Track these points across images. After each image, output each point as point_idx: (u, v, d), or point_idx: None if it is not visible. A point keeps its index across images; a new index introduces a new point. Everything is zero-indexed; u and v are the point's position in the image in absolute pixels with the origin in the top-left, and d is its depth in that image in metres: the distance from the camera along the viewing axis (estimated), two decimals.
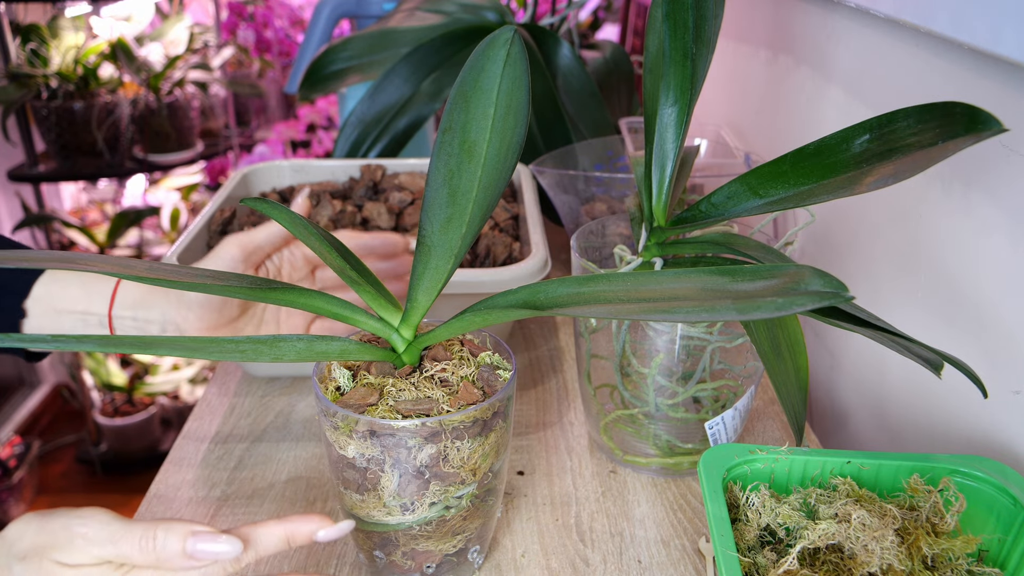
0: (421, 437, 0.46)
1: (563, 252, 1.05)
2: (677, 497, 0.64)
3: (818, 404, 0.85)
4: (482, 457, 0.49)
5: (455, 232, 0.49)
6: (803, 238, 0.86)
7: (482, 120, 0.49)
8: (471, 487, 0.49)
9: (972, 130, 0.45)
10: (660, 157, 0.59)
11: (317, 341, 0.46)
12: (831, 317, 0.48)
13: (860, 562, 0.45)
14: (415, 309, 0.50)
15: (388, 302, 0.50)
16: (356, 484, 0.49)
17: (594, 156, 1.03)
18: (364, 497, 0.49)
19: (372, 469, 0.48)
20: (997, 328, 0.55)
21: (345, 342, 0.48)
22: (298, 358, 0.45)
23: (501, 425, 0.50)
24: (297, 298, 0.47)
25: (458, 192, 0.49)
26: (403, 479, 0.47)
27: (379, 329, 0.50)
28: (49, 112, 1.97)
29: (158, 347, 0.40)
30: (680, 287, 0.38)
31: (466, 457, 0.48)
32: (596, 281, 0.41)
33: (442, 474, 0.48)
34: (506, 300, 0.45)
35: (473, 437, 0.48)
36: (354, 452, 0.47)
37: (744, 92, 1.11)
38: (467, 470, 0.48)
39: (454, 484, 0.48)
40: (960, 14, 0.53)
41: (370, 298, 0.50)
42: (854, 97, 0.75)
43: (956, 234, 0.60)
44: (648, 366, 0.61)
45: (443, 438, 0.47)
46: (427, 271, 0.49)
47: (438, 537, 0.51)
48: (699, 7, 0.57)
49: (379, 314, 0.50)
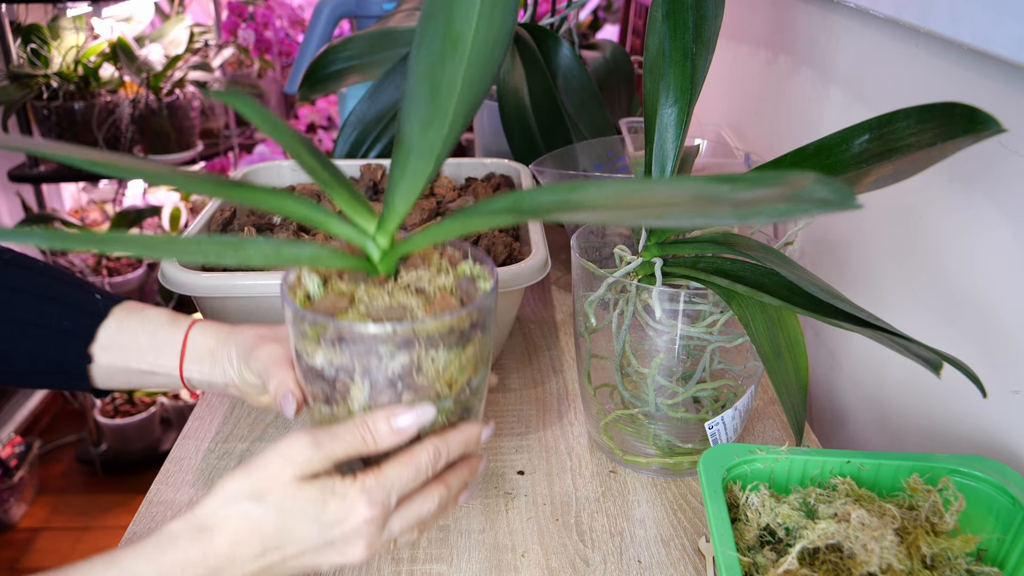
0: (393, 344, 0.43)
1: (563, 252, 1.05)
2: (677, 497, 0.64)
3: (818, 404, 0.85)
4: (458, 370, 0.46)
5: (436, 133, 0.45)
6: (803, 238, 0.86)
7: (468, 8, 0.44)
8: (447, 402, 0.46)
9: (971, 130, 0.45)
10: (660, 157, 0.59)
11: (286, 245, 0.43)
12: (831, 317, 0.48)
13: (860, 562, 0.45)
14: (392, 215, 0.46)
15: (363, 207, 0.47)
16: (325, 396, 0.46)
17: (594, 156, 1.03)
18: (333, 410, 0.46)
19: (341, 379, 0.45)
20: (997, 328, 0.55)
21: (317, 248, 0.45)
22: (265, 262, 0.42)
23: (480, 338, 0.47)
24: (266, 198, 0.44)
25: (440, 88, 0.45)
26: (374, 390, 0.45)
27: (353, 236, 0.47)
28: (50, 112, 1.97)
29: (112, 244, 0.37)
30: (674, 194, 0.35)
31: (441, 369, 0.45)
32: (585, 188, 0.37)
33: (416, 386, 0.45)
34: (489, 207, 0.42)
35: (449, 348, 0.45)
36: (322, 361, 0.45)
37: (744, 92, 1.11)
38: (442, 383, 0.45)
39: (428, 397, 0.46)
40: (960, 14, 0.53)
41: (343, 202, 0.46)
42: (854, 97, 0.76)
43: (956, 234, 0.60)
44: (648, 366, 0.61)
45: (416, 346, 0.44)
46: (405, 175, 0.46)
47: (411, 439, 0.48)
48: (699, 7, 0.57)
49: (353, 220, 0.47)
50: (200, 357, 0.58)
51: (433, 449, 0.46)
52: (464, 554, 0.58)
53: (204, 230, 0.79)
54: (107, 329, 0.58)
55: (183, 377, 0.58)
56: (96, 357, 0.57)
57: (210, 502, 0.43)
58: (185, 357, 0.57)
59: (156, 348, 0.57)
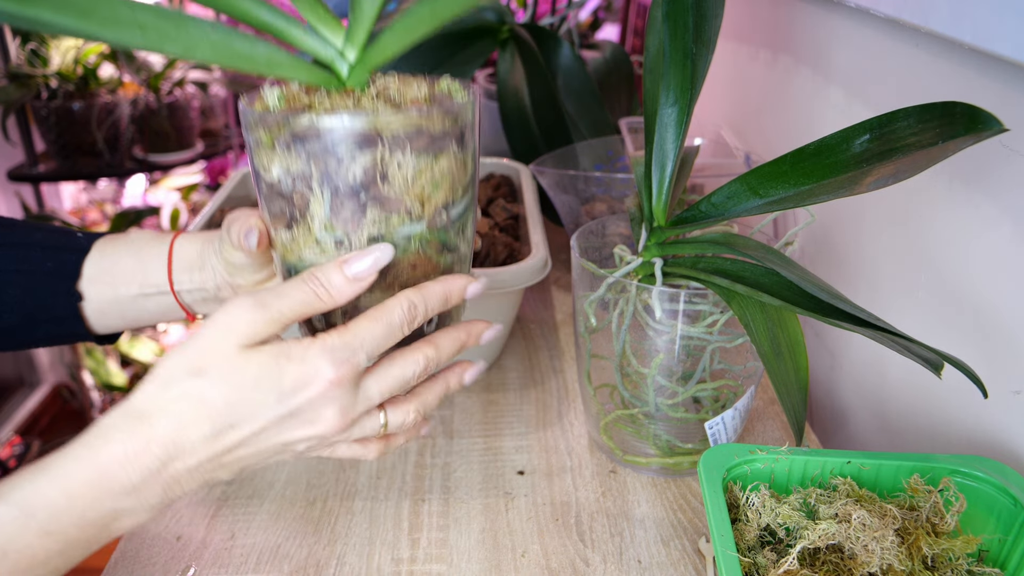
0: (352, 142, 0.39)
1: (563, 252, 1.05)
2: (677, 497, 0.64)
3: (818, 404, 0.85)
4: (431, 184, 0.42)
5: None
6: (803, 238, 0.86)
7: None
8: (419, 225, 0.42)
9: (972, 130, 0.45)
10: (660, 157, 0.59)
11: (239, 38, 0.39)
12: (831, 317, 0.48)
13: (860, 562, 0.45)
14: (359, 22, 0.42)
15: (330, 17, 0.43)
16: (286, 217, 0.43)
17: (594, 156, 1.03)
18: (294, 233, 0.43)
19: (299, 190, 0.41)
20: (997, 328, 0.55)
21: (276, 50, 0.41)
22: (213, 56, 0.38)
23: (456, 153, 0.43)
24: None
25: None
26: (335, 201, 0.41)
27: (318, 50, 0.43)
28: (49, 112, 1.97)
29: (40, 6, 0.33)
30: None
31: (410, 178, 0.41)
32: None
33: (382, 197, 0.41)
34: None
35: (418, 153, 0.41)
36: (279, 171, 0.41)
37: (744, 92, 1.11)
38: (412, 196, 0.41)
39: (397, 214, 0.41)
40: (960, 14, 0.53)
41: (308, 10, 0.42)
42: (854, 97, 0.75)
43: (956, 234, 0.59)
44: (648, 366, 0.61)
45: (380, 146, 0.40)
46: None
47: (383, 289, 0.44)
48: (699, 7, 0.57)
49: (319, 32, 0.42)
50: (189, 264, 0.55)
51: (407, 302, 0.42)
52: (464, 554, 0.58)
53: (205, 228, 0.79)
54: (91, 261, 0.56)
55: (174, 290, 0.55)
56: (85, 293, 0.55)
57: (146, 387, 0.40)
58: (173, 267, 0.55)
59: (143, 266, 0.55)
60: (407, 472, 0.67)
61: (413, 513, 0.62)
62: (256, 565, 0.57)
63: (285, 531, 0.61)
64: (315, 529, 0.61)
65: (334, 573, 0.57)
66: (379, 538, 0.60)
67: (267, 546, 0.59)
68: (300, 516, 0.62)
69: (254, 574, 0.57)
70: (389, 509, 0.63)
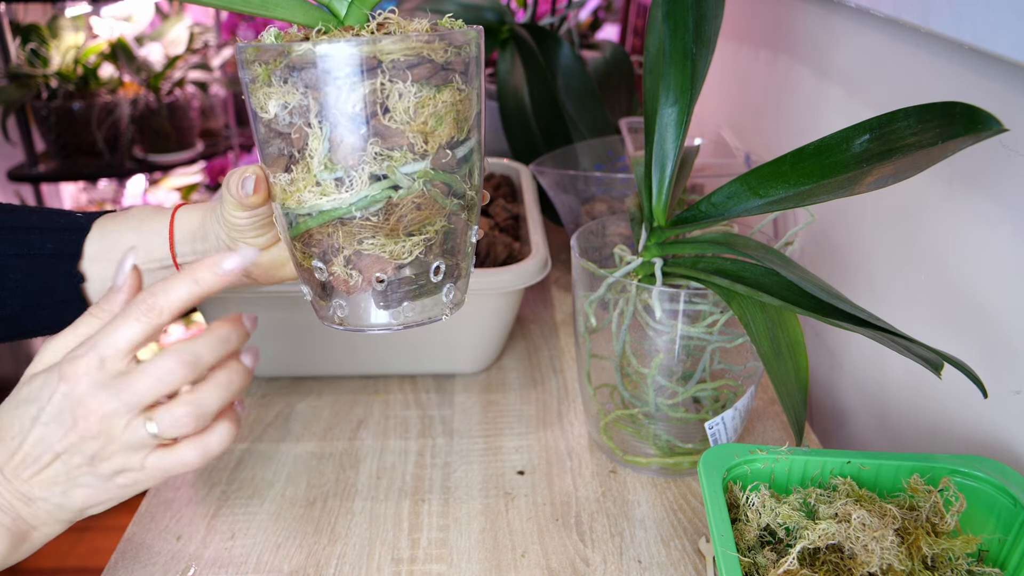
0: (351, 70, 0.38)
1: (563, 252, 1.05)
2: (677, 497, 0.64)
3: (818, 404, 0.85)
4: (434, 118, 0.40)
5: None
6: (803, 238, 0.86)
7: None
8: (423, 163, 0.41)
9: (972, 130, 0.45)
10: (660, 157, 0.59)
11: None
12: (831, 317, 0.48)
13: (860, 562, 0.45)
14: None
15: None
16: (285, 158, 0.42)
17: (594, 156, 1.03)
18: (293, 175, 0.42)
19: (297, 125, 0.40)
20: (997, 328, 0.55)
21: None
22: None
23: (461, 86, 0.41)
24: None
25: None
26: (335, 135, 0.40)
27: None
28: (49, 112, 1.97)
29: None
30: None
31: (411, 109, 0.39)
32: None
33: (383, 131, 0.39)
34: None
35: (420, 83, 0.39)
36: (275, 107, 0.40)
37: (744, 92, 1.11)
38: (415, 130, 0.40)
39: (400, 150, 0.40)
40: (960, 14, 0.53)
41: None
42: (854, 97, 0.75)
43: (956, 234, 0.59)
44: (648, 366, 0.61)
45: (380, 75, 0.38)
46: None
47: (386, 233, 0.42)
48: (699, 7, 0.57)
49: None
50: (191, 234, 0.55)
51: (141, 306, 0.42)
52: (464, 554, 0.58)
53: None
54: (92, 240, 0.55)
55: (176, 263, 0.55)
56: (87, 273, 0.55)
57: None
58: (175, 239, 0.54)
59: (144, 240, 0.55)
60: (407, 472, 0.67)
61: (413, 513, 0.62)
62: (256, 565, 0.57)
63: (285, 531, 0.61)
64: (315, 529, 0.61)
65: (334, 573, 0.57)
66: (379, 538, 0.60)
67: (267, 546, 0.59)
68: (300, 516, 0.62)
69: (254, 574, 0.57)
70: (389, 509, 0.63)
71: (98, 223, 0.56)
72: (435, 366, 0.79)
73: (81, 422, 0.41)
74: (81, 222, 0.56)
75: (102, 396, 0.41)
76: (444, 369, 0.80)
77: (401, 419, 0.74)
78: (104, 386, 0.41)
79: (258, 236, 0.52)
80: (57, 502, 0.43)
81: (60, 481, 0.43)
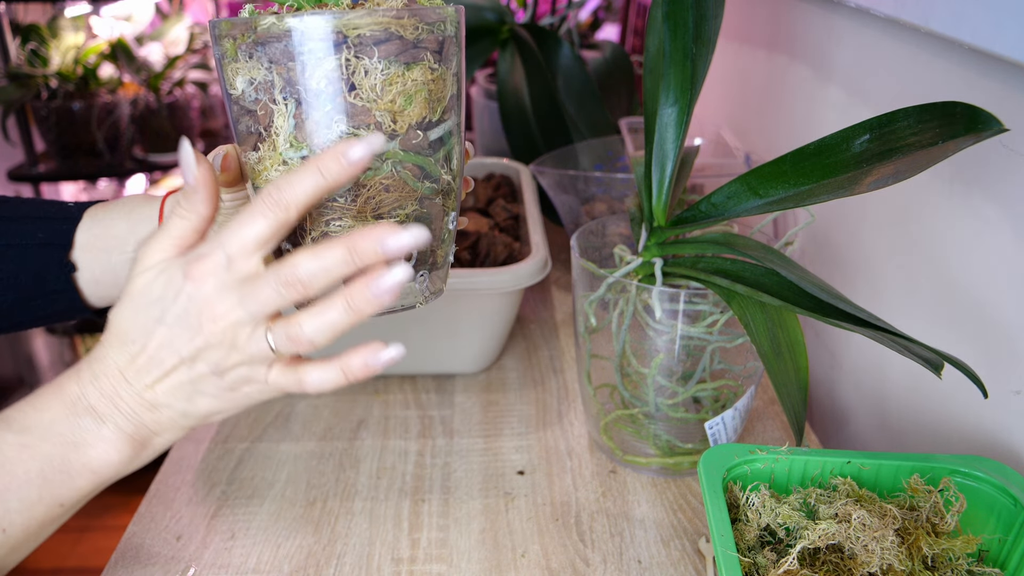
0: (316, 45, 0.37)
1: (563, 252, 1.05)
2: (677, 497, 0.64)
3: (818, 404, 0.85)
4: (403, 97, 0.40)
5: None
6: (803, 238, 0.86)
7: None
8: (392, 143, 0.40)
9: (972, 130, 0.45)
10: (660, 157, 0.59)
11: None
12: (831, 317, 0.48)
13: (860, 562, 0.45)
14: None
15: None
16: (254, 136, 0.41)
17: (594, 156, 1.03)
18: (260, 153, 0.41)
19: (263, 102, 0.40)
20: (997, 328, 0.55)
21: None
22: None
23: (433, 65, 0.40)
24: None
25: None
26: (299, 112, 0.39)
27: None
28: (49, 112, 1.97)
29: None
30: None
31: (378, 87, 0.39)
32: None
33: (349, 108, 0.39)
34: None
35: (387, 60, 0.39)
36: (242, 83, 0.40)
37: (744, 92, 1.11)
38: (382, 108, 0.39)
39: (366, 128, 0.39)
40: (960, 13, 0.53)
41: None
42: (854, 97, 0.75)
43: (956, 234, 0.59)
44: (648, 366, 0.61)
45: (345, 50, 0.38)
46: None
47: (353, 215, 0.42)
48: (699, 7, 0.57)
49: None
50: None
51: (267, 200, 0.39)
52: (464, 554, 0.58)
53: None
54: (83, 229, 0.55)
55: None
56: (79, 262, 0.54)
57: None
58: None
59: (133, 228, 0.54)
60: (407, 472, 0.67)
61: (413, 513, 0.62)
62: (256, 565, 0.57)
63: (285, 531, 0.61)
64: (315, 529, 0.61)
65: (334, 573, 0.57)
66: (379, 538, 0.60)
67: (267, 546, 0.59)
68: (300, 516, 0.62)
69: (254, 574, 0.57)
70: (389, 509, 0.63)
71: (89, 212, 0.56)
72: (435, 366, 0.79)
73: (208, 325, 0.39)
74: (73, 211, 0.56)
75: (230, 300, 0.39)
76: (444, 369, 0.80)
77: (401, 419, 0.74)
78: (231, 288, 0.39)
79: None
80: (181, 409, 0.42)
81: (185, 388, 0.41)
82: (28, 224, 0.55)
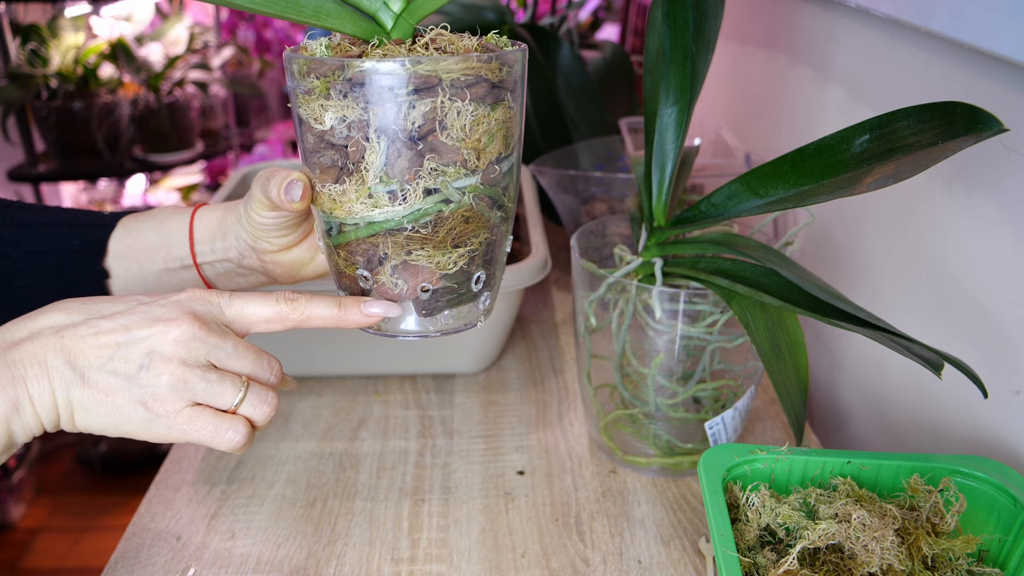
0: (412, 88, 0.39)
1: (563, 252, 1.05)
2: (677, 497, 0.64)
3: (818, 404, 0.85)
4: (487, 135, 0.42)
5: None
6: (803, 238, 0.86)
7: None
8: (474, 178, 0.42)
9: (972, 130, 0.45)
10: (660, 157, 0.59)
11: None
12: (831, 317, 0.48)
13: (860, 562, 0.45)
14: None
15: None
16: (337, 169, 0.42)
17: (594, 156, 1.03)
18: (345, 186, 0.42)
19: (355, 139, 0.41)
20: (997, 328, 0.55)
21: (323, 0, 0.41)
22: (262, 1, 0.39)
23: (511, 104, 0.43)
24: None
25: None
26: (392, 150, 0.40)
27: (363, 2, 0.43)
28: (49, 112, 1.97)
29: None
30: None
31: (467, 127, 0.41)
32: None
33: (439, 146, 0.41)
34: None
35: (476, 101, 0.41)
36: (332, 119, 0.41)
37: (744, 92, 1.11)
38: (469, 146, 0.41)
39: (454, 165, 0.41)
40: (960, 14, 0.53)
41: None
42: (854, 97, 0.75)
43: (956, 234, 0.59)
44: (648, 366, 0.61)
45: (440, 94, 0.40)
46: None
47: (434, 244, 0.43)
48: (699, 7, 0.57)
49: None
50: (211, 233, 0.55)
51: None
52: (464, 554, 0.58)
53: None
54: (116, 238, 0.56)
55: (196, 263, 0.55)
56: (112, 270, 0.56)
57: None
58: (195, 238, 0.55)
59: (165, 240, 0.56)
60: (407, 472, 0.67)
61: (413, 513, 0.62)
62: (256, 565, 0.57)
63: (285, 531, 0.61)
64: (315, 529, 0.61)
65: (334, 573, 0.57)
66: (379, 538, 0.60)
67: (267, 546, 0.59)
68: (300, 516, 0.62)
69: (254, 574, 0.57)
70: (389, 509, 0.63)
71: (123, 222, 0.57)
72: (435, 366, 0.79)
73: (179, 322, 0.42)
74: (107, 219, 0.57)
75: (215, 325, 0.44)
76: (444, 369, 0.80)
77: (401, 419, 0.74)
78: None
79: (282, 236, 0.52)
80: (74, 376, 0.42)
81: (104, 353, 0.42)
82: (64, 230, 0.56)
